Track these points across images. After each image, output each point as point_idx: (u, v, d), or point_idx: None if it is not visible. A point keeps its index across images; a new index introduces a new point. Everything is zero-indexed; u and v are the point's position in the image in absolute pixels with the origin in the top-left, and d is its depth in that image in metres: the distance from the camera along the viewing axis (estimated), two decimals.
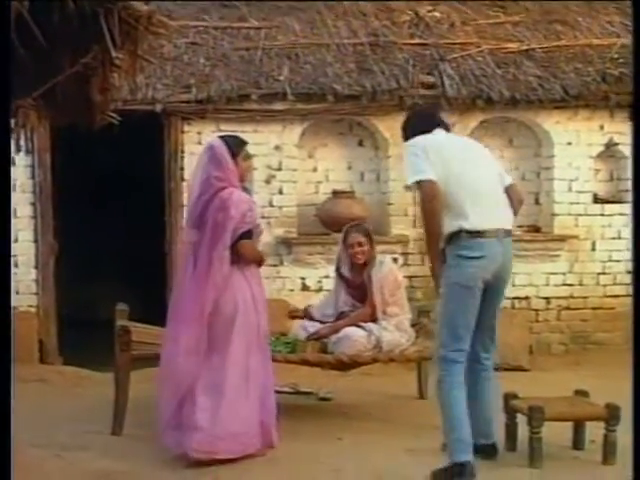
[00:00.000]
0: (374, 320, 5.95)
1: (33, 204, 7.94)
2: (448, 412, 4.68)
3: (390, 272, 6.06)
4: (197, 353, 4.92)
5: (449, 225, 4.68)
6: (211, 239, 4.93)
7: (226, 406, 4.89)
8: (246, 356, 4.96)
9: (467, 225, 4.65)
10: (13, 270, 7.48)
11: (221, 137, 5.27)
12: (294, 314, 6.79)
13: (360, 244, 6.10)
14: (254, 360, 4.99)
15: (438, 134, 4.97)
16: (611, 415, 4.92)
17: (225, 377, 4.91)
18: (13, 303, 6.95)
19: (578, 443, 5.18)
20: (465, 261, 4.65)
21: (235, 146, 5.13)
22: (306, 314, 6.46)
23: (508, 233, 4.85)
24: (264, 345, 5.12)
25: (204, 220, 4.98)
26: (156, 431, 5.06)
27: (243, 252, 4.99)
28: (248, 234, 5.01)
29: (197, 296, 4.95)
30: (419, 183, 4.68)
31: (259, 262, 5.20)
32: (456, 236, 4.67)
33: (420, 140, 4.82)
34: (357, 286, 6.17)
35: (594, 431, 5.11)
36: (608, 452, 4.91)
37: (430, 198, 4.64)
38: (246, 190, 5.31)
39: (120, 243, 10.55)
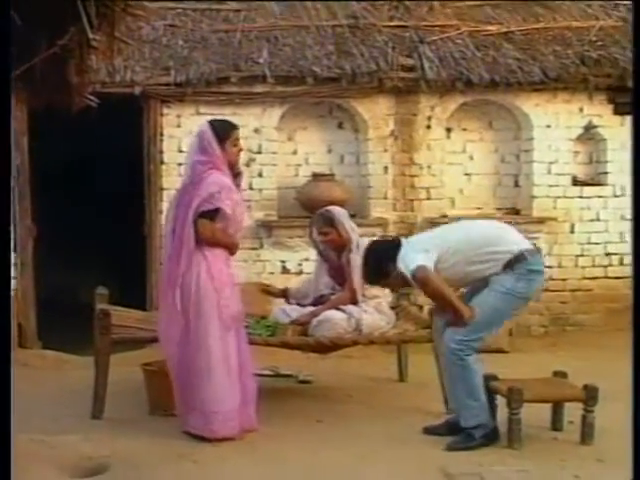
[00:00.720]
0: (354, 303, 5.95)
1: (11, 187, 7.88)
2: (470, 382, 4.95)
3: None
4: (175, 333, 5.01)
5: (505, 253, 4.94)
6: (183, 218, 4.97)
7: (189, 385, 5.00)
8: (205, 335, 4.96)
9: (522, 245, 5.01)
10: None
11: (210, 122, 5.21)
12: (266, 289, 6.65)
13: (325, 233, 6.09)
14: (214, 338, 4.97)
15: None
16: (589, 396, 4.95)
17: (180, 355, 5.00)
18: None
19: (557, 424, 5.22)
20: (536, 276, 5.00)
21: (223, 130, 5.09)
22: (285, 295, 6.43)
23: None
24: (231, 326, 5.05)
25: (183, 202, 5.02)
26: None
27: (202, 231, 4.96)
28: (210, 214, 4.96)
29: (171, 275, 5.02)
30: (414, 275, 4.90)
31: (227, 247, 5.12)
32: (521, 255, 4.94)
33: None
34: (337, 268, 6.17)
35: (572, 412, 5.15)
36: (586, 433, 4.95)
37: (425, 281, 4.91)
38: (239, 175, 5.23)
39: (99, 226, 10.49)
